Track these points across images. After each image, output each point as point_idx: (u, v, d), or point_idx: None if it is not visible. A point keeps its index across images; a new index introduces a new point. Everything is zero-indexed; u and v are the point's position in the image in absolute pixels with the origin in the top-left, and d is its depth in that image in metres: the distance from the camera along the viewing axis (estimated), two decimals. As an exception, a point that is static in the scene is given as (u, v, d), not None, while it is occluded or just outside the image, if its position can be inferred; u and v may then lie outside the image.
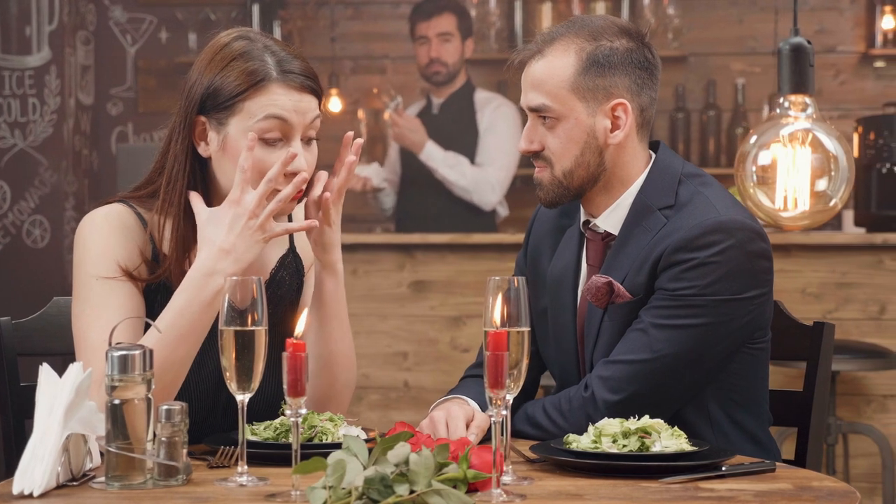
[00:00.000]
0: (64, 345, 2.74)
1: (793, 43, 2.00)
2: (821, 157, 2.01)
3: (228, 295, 2.05)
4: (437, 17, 5.78)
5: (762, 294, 2.45)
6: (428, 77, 5.83)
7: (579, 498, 1.96)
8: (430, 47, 5.77)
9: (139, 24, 6.97)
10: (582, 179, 2.51)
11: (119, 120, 6.94)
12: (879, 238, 4.86)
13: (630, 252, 2.47)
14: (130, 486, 1.99)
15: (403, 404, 5.04)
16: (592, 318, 2.51)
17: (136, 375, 2.01)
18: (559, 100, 2.48)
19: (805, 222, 2.05)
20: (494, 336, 1.94)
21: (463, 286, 5.10)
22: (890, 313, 4.90)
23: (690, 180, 2.51)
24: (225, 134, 2.38)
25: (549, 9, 6.64)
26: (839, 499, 1.95)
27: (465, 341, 5.11)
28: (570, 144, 2.49)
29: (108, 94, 6.94)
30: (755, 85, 6.57)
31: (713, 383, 2.47)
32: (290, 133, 2.37)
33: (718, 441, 2.45)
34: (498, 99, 5.91)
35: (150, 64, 6.96)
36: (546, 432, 2.43)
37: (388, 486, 1.83)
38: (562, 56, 2.49)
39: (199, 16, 6.88)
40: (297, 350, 1.93)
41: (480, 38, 6.65)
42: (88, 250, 2.40)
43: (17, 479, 1.95)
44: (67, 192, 6.46)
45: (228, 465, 2.17)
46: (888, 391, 4.90)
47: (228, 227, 2.31)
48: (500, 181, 5.67)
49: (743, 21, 6.64)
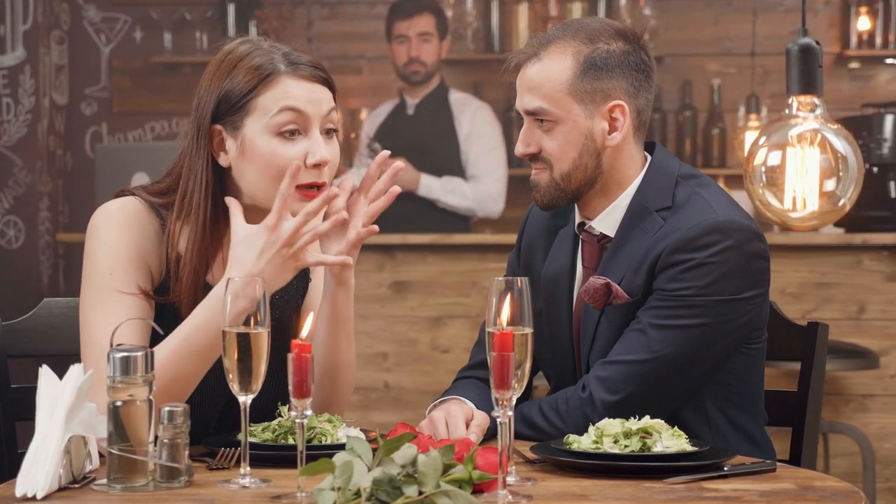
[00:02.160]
0: (55, 346, 2.73)
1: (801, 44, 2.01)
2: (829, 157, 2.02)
3: (230, 296, 2.04)
4: (417, 16, 5.81)
5: (759, 294, 2.46)
6: (406, 77, 5.84)
7: (584, 498, 1.96)
8: (409, 46, 5.78)
9: (113, 24, 6.93)
10: (579, 182, 2.51)
11: (93, 120, 6.90)
12: (859, 238, 4.88)
13: (627, 253, 2.47)
14: (132, 489, 1.98)
15: (384, 405, 5.03)
16: (589, 320, 2.51)
17: (138, 377, 1.99)
18: (557, 103, 2.48)
19: (814, 223, 2.05)
20: (500, 337, 1.94)
21: (443, 287, 5.09)
22: (869, 313, 4.93)
23: (687, 181, 2.51)
24: (242, 137, 2.35)
25: (526, 9, 6.65)
26: (844, 499, 1.95)
27: (445, 342, 5.11)
28: (568, 147, 2.49)
29: (83, 93, 6.90)
30: (731, 86, 6.59)
31: (711, 383, 2.48)
32: (308, 125, 2.34)
33: (716, 441, 2.46)
34: (474, 102, 5.94)
35: (124, 64, 6.91)
36: (543, 433, 2.43)
37: (396, 487, 1.82)
38: (558, 59, 2.49)
39: (175, 15, 6.84)
40: (302, 351, 1.92)
41: (457, 39, 6.65)
42: (102, 242, 2.35)
43: (19, 481, 1.94)
44: (42, 193, 6.42)
45: (228, 466, 2.16)
46: (867, 391, 4.93)
47: (260, 252, 2.27)
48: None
49: (719, 22, 6.66)
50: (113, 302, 2.32)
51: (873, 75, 6.59)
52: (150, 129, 6.82)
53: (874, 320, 4.92)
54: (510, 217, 5.98)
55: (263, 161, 2.33)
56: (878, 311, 4.93)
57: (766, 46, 6.50)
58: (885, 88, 6.51)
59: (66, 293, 6.41)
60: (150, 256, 2.37)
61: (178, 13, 6.85)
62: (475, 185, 5.70)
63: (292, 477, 2.05)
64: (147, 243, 2.37)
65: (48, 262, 6.47)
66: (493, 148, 5.79)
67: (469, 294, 5.09)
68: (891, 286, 4.93)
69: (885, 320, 4.93)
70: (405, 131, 5.71)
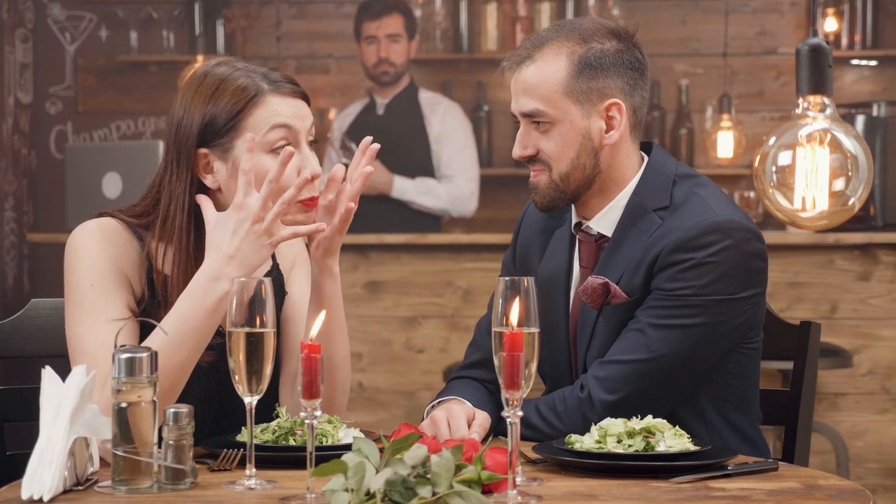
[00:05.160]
0: (42, 347, 2.70)
1: (811, 44, 2.02)
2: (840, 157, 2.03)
3: (236, 296, 2.03)
4: (386, 17, 5.80)
5: (757, 294, 2.47)
6: (375, 77, 5.84)
7: (594, 498, 1.96)
8: (378, 47, 5.77)
9: (78, 22, 6.87)
10: (578, 182, 2.51)
11: (58, 119, 6.84)
12: (831, 238, 4.92)
13: (625, 253, 2.48)
14: (137, 491, 1.97)
15: (358, 405, 5.02)
16: (586, 320, 2.51)
17: (143, 378, 1.98)
18: (553, 104, 2.48)
19: (823, 222, 2.07)
20: (510, 337, 1.94)
21: (418, 287, 5.09)
22: (841, 312, 4.97)
23: (685, 181, 2.52)
24: (233, 158, 2.36)
25: (495, 9, 6.65)
26: (851, 497, 1.96)
27: (419, 342, 5.10)
28: (566, 148, 2.49)
29: (47, 92, 6.84)
30: (698, 86, 6.62)
31: (708, 383, 2.49)
32: (297, 139, 2.38)
33: (712, 440, 2.46)
34: (444, 102, 5.95)
35: (89, 62, 6.86)
36: (541, 433, 2.43)
37: (409, 487, 1.82)
38: (553, 60, 2.49)
39: (141, 14, 6.79)
40: (312, 352, 1.91)
41: (426, 39, 6.65)
42: (81, 259, 2.36)
43: (25, 484, 1.92)
44: (7, 192, 6.36)
45: (230, 468, 2.15)
46: (839, 389, 4.96)
47: (233, 231, 2.28)
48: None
49: (686, 22, 6.69)
50: (97, 312, 2.32)
51: (839, 76, 6.63)
52: (116, 128, 6.77)
53: (846, 319, 4.96)
54: (481, 217, 5.99)
55: (260, 179, 2.33)
56: (850, 310, 4.97)
57: (733, 47, 6.53)
58: (850, 89, 6.56)
59: (32, 294, 6.36)
60: (130, 273, 2.38)
61: (144, 12, 6.80)
62: (448, 185, 5.70)
63: (296, 478, 2.05)
64: (127, 260, 2.37)
65: (13, 262, 6.41)
66: (464, 147, 5.80)
67: (443, 294, 5.08)
68: (862, 285, 4.97)
69: (856, 319, 4.97)
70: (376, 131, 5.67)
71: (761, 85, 6.61)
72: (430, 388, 5.02)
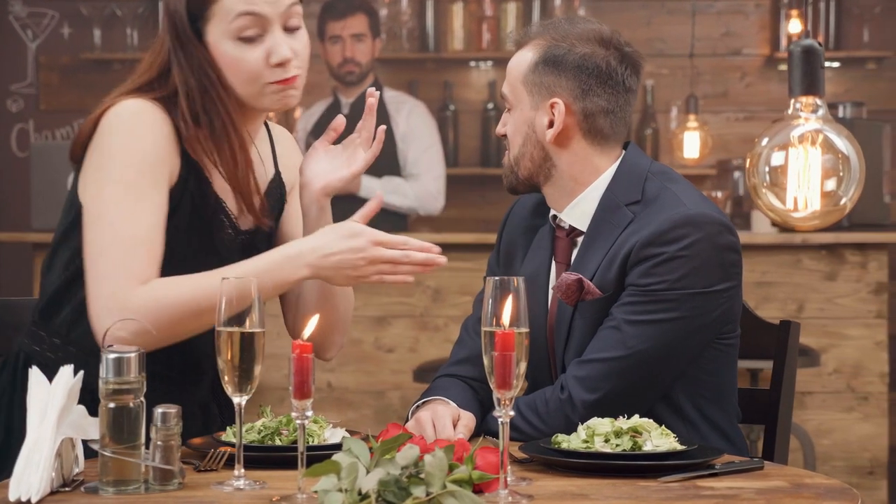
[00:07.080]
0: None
1: (804, 45, 2.03)
2: (832, 157, 2.05)
3: (225, 296, 2.02)
4: (350, 17, 5.80)
5: (732, 287, 2.49)
6: (340, 77, 5.82)
7: (584, 498, 1.96)
8: (343, 47, 5.77)
9: (40, 19, 6.82)
10: (528, 170, 2.58)
11: (19, 117, 6.78)
12: (798, 238, 4.95)
13: (598, 249, 2.49)
14: (125, 491, 1.96)
15: (327, 405, 5.01)
16: (563, 317, 2.52)
17: (132, 378, 1.96)
18: (513, 90, 2.59)
19: (815, 222, 2.08)
20: (502, 337, 1.94)
21: (387, 286, 5.04)
22: (808, 312, 5.00)
23: (657, 177, 2.54)
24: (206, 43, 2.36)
25: (461, 9, 6.65)
26: (840, 496, 1.98)
27: (389, 341, 5.09)
28: (516, 134, 2.58)
29: (8, 90, 6.78)
30: (663, 87, 6.64)
31: (684, 378, 2.49)
32: (267, 25, 2.36)
33: (690, 436, 2.47)
34: (409, 101, 5.95)
35: (52, 60, 6.80)
36: (523, 434, 2.43)
37: (402, 488, 1.81)
38: (528, 51, 2.58)
39: (105, 11, 6.74)
40: (303, 352, 1.90)
41: (392, 38, 6.65)
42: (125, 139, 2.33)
43: (12, 485, 1.90)
44: (-32, 190, 6.32)
45: (217, 468, 2.14)
46: (806, 388, 5.00)
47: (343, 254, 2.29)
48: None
49: (651, 23, 6.71)
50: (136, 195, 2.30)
51: (803, 77, 6.66)
52: (79, 126, 6.71)
53: (813, 318, 5.00)
54: (447, 217, 5.99)
55: (229, 66, 2.36)
56: (817, 309, 5.00)
57: (698, 48, 6.56)
58: (814, 90, 6.60)
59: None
60: (168, 154, 2.35)
61: (108, 9, 6.75)
62: (415, 183, 5.71)
63: (284, 478, 2.04)
64: (164, 140, 2.35)
65: (-26, 260, 6.37)
66: (430, 146, 5.81)
67: (412, 294, 5.08)
68: (829, 285, 5.01)
69: (823, 318, 5.01)
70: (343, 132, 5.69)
71: (726, 86, 6.64)
72: (399, 387, 5.01)
